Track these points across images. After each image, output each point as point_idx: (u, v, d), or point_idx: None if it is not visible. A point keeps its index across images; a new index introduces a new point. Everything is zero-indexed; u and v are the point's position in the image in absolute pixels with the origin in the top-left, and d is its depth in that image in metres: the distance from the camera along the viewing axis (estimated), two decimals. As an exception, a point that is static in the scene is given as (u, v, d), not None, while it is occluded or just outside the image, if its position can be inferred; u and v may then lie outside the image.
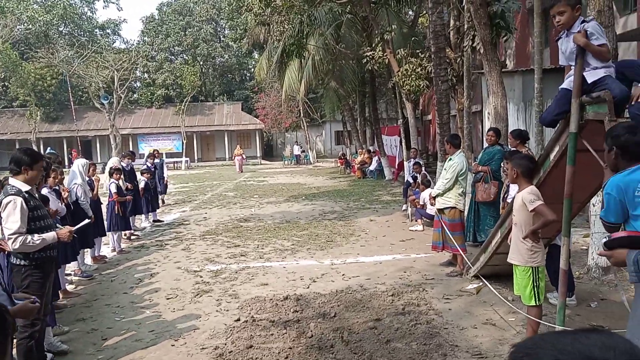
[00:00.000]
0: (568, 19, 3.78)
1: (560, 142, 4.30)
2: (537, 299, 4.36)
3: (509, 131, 7.03)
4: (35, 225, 4.04)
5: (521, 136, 6.74)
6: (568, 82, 3.92)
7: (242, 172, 29.88)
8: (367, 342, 4.72)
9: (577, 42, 3.68)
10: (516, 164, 4.45)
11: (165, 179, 14.13)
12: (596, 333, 0.84)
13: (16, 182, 4.00)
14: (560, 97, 4.06)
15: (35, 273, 4.05)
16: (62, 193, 6.70)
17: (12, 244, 3.87)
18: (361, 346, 4.65)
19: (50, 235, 4.07)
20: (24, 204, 3.92)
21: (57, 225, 4.50)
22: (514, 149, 6.72)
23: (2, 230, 4.18)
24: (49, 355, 4.60)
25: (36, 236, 3.98)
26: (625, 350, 0.79)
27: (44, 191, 5.93)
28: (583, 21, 3.81)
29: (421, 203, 10.12)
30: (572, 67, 3.82)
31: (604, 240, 2.75)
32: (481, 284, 6.21)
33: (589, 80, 3.70)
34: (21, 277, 4.00)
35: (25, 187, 4.01)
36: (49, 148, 29.62)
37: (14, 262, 4.02)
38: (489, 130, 8.35)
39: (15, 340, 3.78)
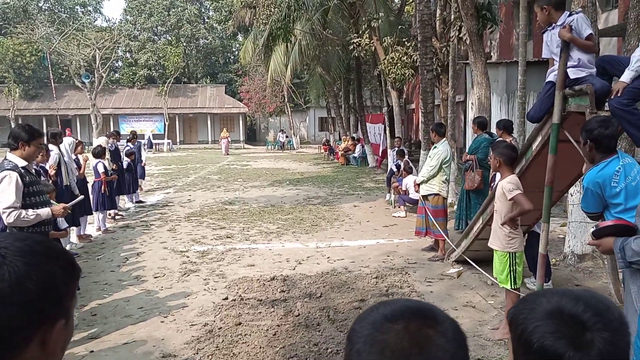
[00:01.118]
0: (545, 19, 3.95)
1: (543, 132, 4.48)
2: (512, 282, 4.57)
3: (496, 122, 7.22)
4: (31, 201, 4.08)
5: (506, 127, 6.93)
6: (553, 76, 4.09)
7: (227, 154, 30.95)
8: (352, 321, 4.85)
9: (563, 37, 3.84)
10: (498, 153, 4.63)
11: (143, 162, 13.60)
12: (584, 291, 0.97)
13: (13, 157, 4.03)
14: (545, 93, 4.23)
15: None
16: (49, 171, 6.71)
17: (7, 218, 3.91)
18: (347, 324, 4.82)
19: (44, 211, 4.12)
20: (19, 179, 3.96)
21: (51, 201, 4.54)
22: (500, 139, 6.92)
23: None
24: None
25: (30, 211, 4.03)
26: (594, 306, 0.90)
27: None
28: (570, 14, 3.96)
29: (404, 189, 10.31)
30: (556, 61, 3.99)
31: (592, 229, 2.86)
32: (462, 268, 6.43)
33: (571, 76, 3.88)
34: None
35: (22, 163, 4.05)
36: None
37: None
38: (473, 120, 8.55)
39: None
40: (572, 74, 3.86)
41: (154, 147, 34.32)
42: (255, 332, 4.67)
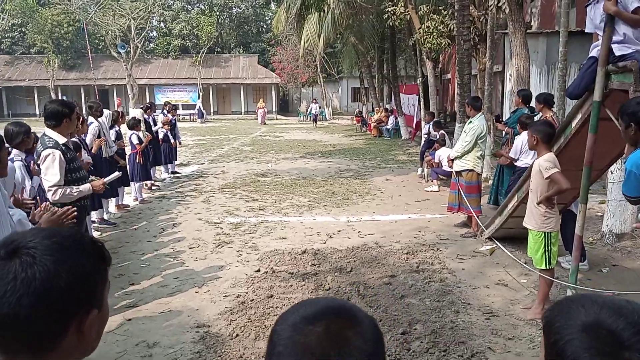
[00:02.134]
0: None
1: (583, 109, 4.32)
2: (547, 263, 4.49)
3: (535, 96, 6.97)
4: (72, 177, 4.21)
5: (546, 101, 6.68)
6: (596, 51, 3.91)
7: (264, 124, 32.42)
8: (382, 297, 4.92)
9: (607, 10, 3.65)
10: (535, 130, 4.49)
11: (179, 140, 13.18)
12: (627, 302, 0.90)
13: (53, 134, 4.14)
14: (586, 69, 4.06)
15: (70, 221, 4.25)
16: (94, 146, 6.91)
17: (52, 195, 4.04)
18: (376, 300, 4.86)
19: (86, 187, 4.25)
20: (62, 157, 4.07)
21: (90, 176, 4.68)
22: (539, 112, 6.70)
23: (22, 191, 4.35)
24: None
25: (74, 188, 4.16)
26: (636, 323, 0.85)
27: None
28: None
29: (436, 161, 10.18)
30: (600, 36, 3.81)
31: None
32: (495, 245, 6.35)
33: (616, 53, 3.70)
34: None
35: (62, 140, 4.16)
36: (64, 97, 30.01)
37: None
38: (518, 93, 8.27)
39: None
40: (617, 50, 3.68)
41: (200, 117, 35.31)
42: (286, 304, 4.75)
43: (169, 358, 3.89)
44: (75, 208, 2.72)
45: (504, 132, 8.10)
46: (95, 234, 7.18)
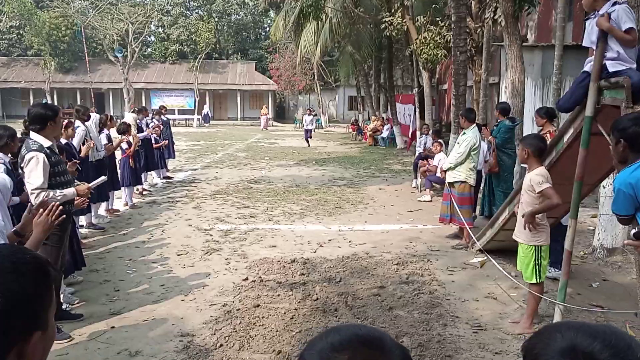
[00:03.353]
0: (589, 4, 3.74)
1: (575, 124, 4.30)
2: (537, 277, 4.45)
3: (536, 109, 6.96)
4: (56, 181, 4.15)
5: (548, 114, 6.63)
6: (589, 66, 3.90)
7: (266, 129, 33.60)
8: (370, 308, 4.87)
9: (600, 26, 3.64)
10: (527, 144, 4.47)
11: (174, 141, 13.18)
12: (604, 327, 0.89)
13: (38, 137, 4.08)
14: (578, 82, 4.04)
15: (54, 226, 4.18)
16: (83, 151, 6.85)
17: (35, 198, 3.98)
18: (364, 311, 4.80)
19: (70, 191, 4.19)
20: (46, 160, 4.01)
21: (75, 181, 4.61)
22: (540, 126, 6.67)
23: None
24: (64, 305, 4.80)
25: (58, 192, 4.09)
26: (612, 346, 0.84)
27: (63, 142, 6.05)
28: (614, 3, 3.74)
29: (434, 164, 10.14)
30: (595, 51, 3.80)
31: (634, 231, 2.85)
32: (485, 258, 6.31)
33: (610, 69, 3.68)
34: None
35: (46, 143, 4.10)
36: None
37: None
38: (496, 106, 8.49)
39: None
40: (611, 66, 3.67)
41: (207, 121, 36.16)
42: (273, 315, 4.70)
43: (151, 367, 3.82)
44: (58, 203, 2.65)
45: (486, 140, 8.13)
46: (84, 241, 7.10)
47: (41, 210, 2.59)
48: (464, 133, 7.19)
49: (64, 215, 2.74)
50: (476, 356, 4.01)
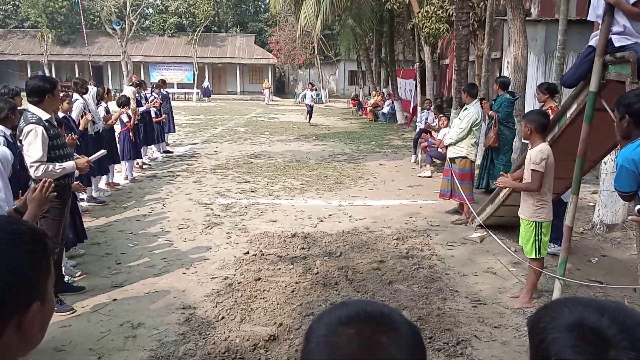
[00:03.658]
0: None
1: (579, 100, 4.27)
2: (537, 252, 4.47)
3: (538, 84, 6.90)
4: (55, 154, 4.12)
5: (550, 90, 6.58)
6: (595, 41, 3.84)
7: (269, 104, 33.74)
8: (370, 282, 4.90)
9: (607, 0, 3.57)
10: (530, 120, 4.44)
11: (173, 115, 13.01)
12: (613, 302, 0.88)
13: (36, 110, 4.04)
14: (583, 57, 3.99)
15: (54, 199, 4.17)
16: (82, 125, 6.80)
17: (35, 171, 3.96)
18: (364, 285, 4.84)
19: (69, 165, 4.17)
20: (44, 133, 3.98)
21: (74, 154, 4.59)
22: (542, 102, 6.63)
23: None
24: (67, 278, 4.83)
25: (57, 165, 4.08)
26: (621, 322, 0.83)
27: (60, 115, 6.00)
28: None
29: (440, 138, 10.07)
30: (601, 25, 3.73)
31: (639, 207, 2.85)
32: (485, 233, 6.34)
33: (616, 44, 3.62)
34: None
35: (45, 116, 4.06)
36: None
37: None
38: (495, 80, 8.52)
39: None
40: (617, 41, 3.61)
41: (207, 95, 35.70)
42: (274, 288, 4.73)
43: (153, 339, 3.86)
44: (52, 180, 2.63)
45: (487, 116, 8.17)
46: (84, 212, 7.11)
47: (34, 186, 2.57)
48: (466, 108, 7.14)
49: (55, 193, 2.72)
50: (475, 330, 4.06)
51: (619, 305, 0.86)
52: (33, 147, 3.95)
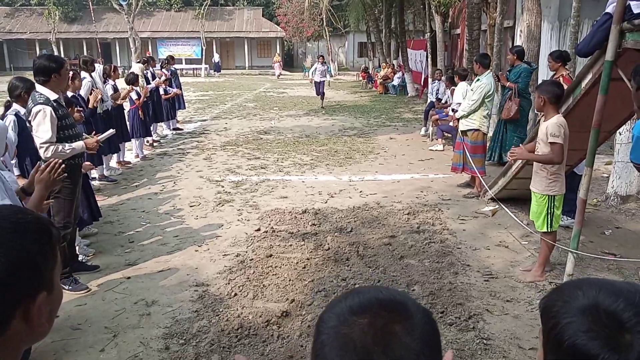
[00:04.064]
0: None
1: (594, 69, 4.15)
2: (549, 226, 4.42)
3: (550, 52, 6.73)
4: (64, 134, 4.12)
5: (562, 57, 6.43)
6: (612, 7, 3.71)
7: (279, 77, 33.50)
8: (381, 257, 4.91)
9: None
10: (543, 90, 4.33)
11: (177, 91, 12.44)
12: (628, 284, 0.86)
13: (44, 90, 4.02)
14: (599, 25, 3.86)
15: (65, 179, 4.18)
16: (91, 102, 6.79)
17: (44, 152, 3.97)
18: (375, 260, 4.84)
19: (79, 145, 4.17)
20: (53, 113, 3.97)
21: (83, 134, 4.59)
22: (553, 70, 6.49)
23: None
24: (81, 257, 4.89)
25: (67, 145, 4.08)
26: (636, 304, 0.81)
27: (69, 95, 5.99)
28: None
29: (454, 107, 9.91)
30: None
31: None
32: (497, 206, 6.29)
33: (635, 11, 3.50)
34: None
35: (53, 96, 4.04)
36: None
37: None
38: (511, 49, 8.25)
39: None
40: (636, 7, 3.48)
41: (217, 70, 35.52)
42: (285, 264, 4.75)
43: (167, 316, 3.91)
44: (61, 161, 2.59)
45: (506, 87, 8.01)
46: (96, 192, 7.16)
47: (42, 166, 2.55)
48: (478, 79, 7.00)
49: (65, 174, 2.69)
50: (487, 304, 4.06)
51: (635, 287, 0.85)
52: (42, 127, 3.95)
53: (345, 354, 0.73)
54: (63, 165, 2.58)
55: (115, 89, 8.28)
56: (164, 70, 11.90)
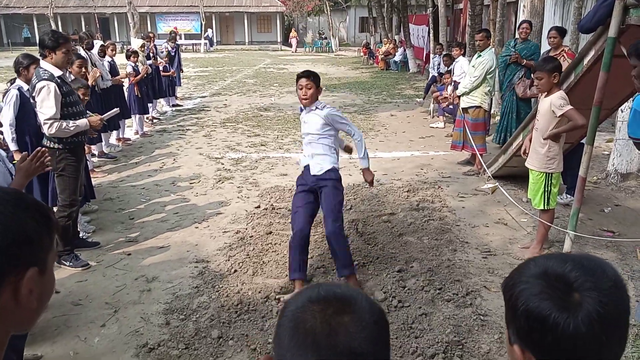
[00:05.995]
0: None
1: (597, 46, 4.10)
2: (546, 204, 4.43)
3: (551, 27, 6.64)
4: (68, 111, 4.10)
5: (560, 31, 6.42)
6: (616, -19, 3.64)
7: (295, 52, 35.08)
8: (380, 234, 4.93)
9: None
10: (541, 67, 4.29)
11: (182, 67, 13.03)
12: (580, 254, 0.93)
13: (48, 66, 3.98)
14: (602, 1, 3.80)
15: (69, 157, 4.19)
16: (89, 81, 6.73)
17: (48, 129, 3.95)
18: (374, 238, 4.87)
19: (83, 122, 4.15)
20: (57, 89, 3.94)
21: (87, 112, 4.57)
22: (554, 46, 6.42)
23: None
24: (81, 233, 4.91)
25: (71, 122, 4.06)
26: (584, 266, 0.87)
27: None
28: None
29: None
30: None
31: None
32: (497, 184, 6.29)
33: (639, -15, 3.44)
34: (56, 160, 4.13)
35: (57, 72, 4.00)
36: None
37: (48, 145, 4.12)
38: (522, 23, 7.86)
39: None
40: (639, -19, 3.42)
41: (211, 45, 35.43)
42: (285, 241, 4.77)
43: (168, 292, 3.95)
44: (45, 148, 2.53)
45: (517, 59, 7.58)
46: (96, 168, 7.17)
47: (25, 153, 2.51)
48: (480, 55, 6.93)
49: (50, 168, 2.64)
50: (485, 280, 4.09)
51: (588, 256, 0.92)
52: (46, 103, 3.92)
53: (295, 334, 0.81)
54: (48, 157, 2.51)
55: (112, 67, 8.19)
56: (166, 44, 11.81)
